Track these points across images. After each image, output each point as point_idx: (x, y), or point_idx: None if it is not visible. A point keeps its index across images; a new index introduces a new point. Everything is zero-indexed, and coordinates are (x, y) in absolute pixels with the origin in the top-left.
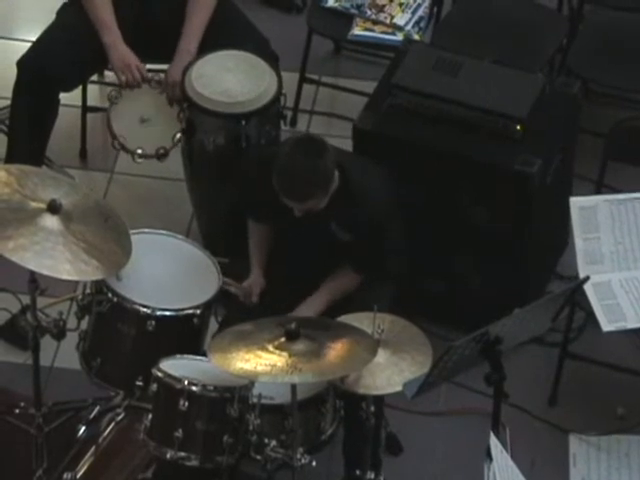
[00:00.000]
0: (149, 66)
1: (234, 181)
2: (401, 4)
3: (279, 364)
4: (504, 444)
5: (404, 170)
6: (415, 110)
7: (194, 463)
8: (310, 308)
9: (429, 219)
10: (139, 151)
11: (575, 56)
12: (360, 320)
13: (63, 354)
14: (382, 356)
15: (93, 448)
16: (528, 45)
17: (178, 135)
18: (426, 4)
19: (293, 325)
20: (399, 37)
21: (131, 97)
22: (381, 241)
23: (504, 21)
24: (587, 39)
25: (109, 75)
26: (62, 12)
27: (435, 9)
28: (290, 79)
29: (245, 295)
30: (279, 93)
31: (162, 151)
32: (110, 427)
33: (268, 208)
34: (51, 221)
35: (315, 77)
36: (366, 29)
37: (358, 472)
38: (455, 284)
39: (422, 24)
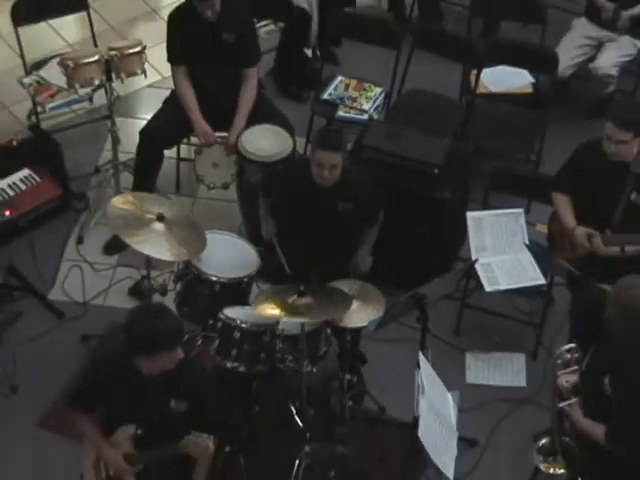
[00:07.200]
0: (217, 133)
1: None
2: (367, 97)
3: (294, 311)
4: (427, 359)
5: None
6: (375, 160)
7: (243, 369)
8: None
9: (386, 228)
10: (212, 185)
11: (469, 129)
12: (343, 285)
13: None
14: (356, 305)
15: None
16: (441, 121)
17: (234, 175)
18: (382, 97)
19: (302, 289)
20: (365, 117)
21: (207, 152)
22: (378, 205)
23: (427, 107)
24: (477, 119)
25: (194, 139)
26: (166, 101)
27: (387, 100)
28: (300, 142)
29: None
30: (294, 150)
31: (226, 184)
32: (194, 347)
33: (288, 204)
34: (159, 226)
35: None
36: (346, 112)
37: (340, 374)
38: (403, 266)
39: (380, 109)
